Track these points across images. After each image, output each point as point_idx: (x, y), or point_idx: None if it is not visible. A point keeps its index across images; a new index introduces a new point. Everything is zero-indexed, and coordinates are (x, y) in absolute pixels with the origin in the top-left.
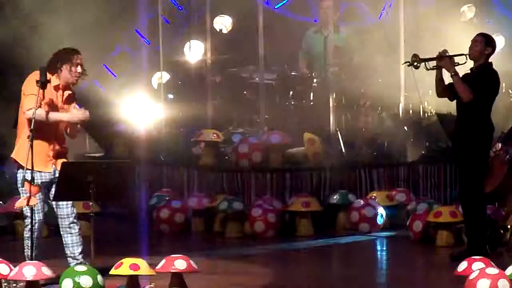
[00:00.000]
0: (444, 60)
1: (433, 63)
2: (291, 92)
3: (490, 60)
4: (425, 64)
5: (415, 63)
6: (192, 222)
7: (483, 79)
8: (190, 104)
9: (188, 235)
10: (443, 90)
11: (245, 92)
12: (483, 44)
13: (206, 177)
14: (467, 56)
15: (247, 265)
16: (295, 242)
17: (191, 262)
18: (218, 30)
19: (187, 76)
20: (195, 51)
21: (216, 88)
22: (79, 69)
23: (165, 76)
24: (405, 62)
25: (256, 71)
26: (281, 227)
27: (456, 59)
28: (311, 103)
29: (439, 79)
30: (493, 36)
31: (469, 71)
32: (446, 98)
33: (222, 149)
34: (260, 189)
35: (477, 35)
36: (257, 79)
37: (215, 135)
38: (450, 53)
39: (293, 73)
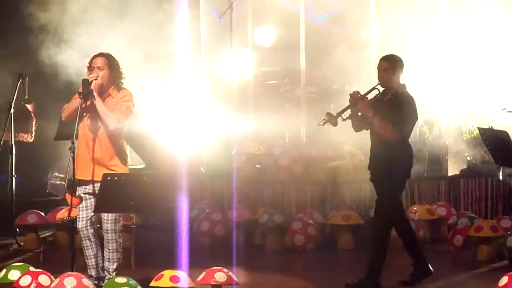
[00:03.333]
0: (359, 103)
1: (349, 111)
2: (332, 105)
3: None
4: (341, 117)
5: (329, 121)
6: (233, 235)
7: (402, 109)
8: (231, 116)
9: (229, 248)
10: (359, 124)
11: (286, 105)
12: (390, 68)
13: (247, 189)
14: (379, 86)
15: (287, 278)
16: (336, 255)
17: (231, 274)
18: (259, 43)
19: (228, 88)
20: (236, 64)
21: (257, 101)
22: (96, 72)
23: (206, 88)
24: (320, 123)
25: (297, 83)
26: (321, 240)
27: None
28: None
29: (352, 115)
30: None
31: (380, 96)
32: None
33: (263, 162)
34: (300, 202)
35: (380, 60)
36: (298, 91)
37: (256, 147)
38: (365, 90)
39: (334, 86)
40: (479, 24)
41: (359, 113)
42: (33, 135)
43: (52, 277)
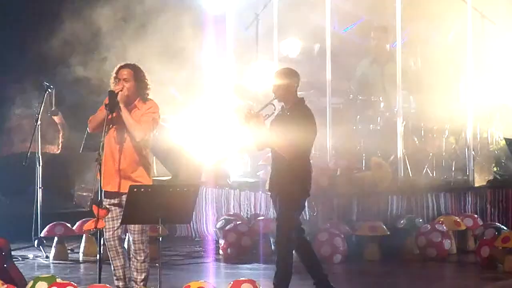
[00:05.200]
0: (253, 120)
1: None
2: (358, 116)
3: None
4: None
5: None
6: (259, 246)
7: (299, 125)
8: None
9: (255, 259)
10: (262, 143)
11: None
12: (286, 81)
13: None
14: (275, 101)
15: None
16: (362, 266)
17: (258, 285)
18: (285, 54)
19: (255, 99)
20: (262, 75)
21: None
22: (122, 84)
23: (232, 100)
24: None
25: (323, 94)
26: (348, 252)
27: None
28: (378, 127)
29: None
30: None
31: (280, 110)
32: None
33: None
34: (327, 213)
35: (273, 75)
36: (324, 102)
37: None
38: (261, 106)
39: (360, 97)
40: (506, 34)
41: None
42: (59, 146)
43: None
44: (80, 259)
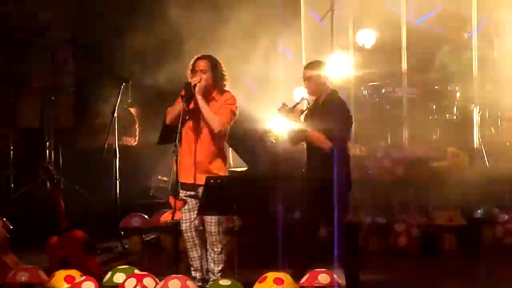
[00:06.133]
0: (288, 115)
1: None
2: (434, 106)
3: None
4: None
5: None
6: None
7: (335, 116)
8: None
9: (331, 249)
10: (297, 138)
11: (388, 106)
12: (316, 76)
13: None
14: (307, 95)
15: (390, 279)
16: (439, 257)
17: (335, 276)
18: (360, 44)
19: None
20: (338, 66)
21: (359, 102)
22: (199, 75)
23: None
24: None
25: (399, 84)
26: (424, 242)
27: None
28: (455, 117)
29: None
30: None
31: (313, 103)
32: None
33: (365, 163)
34: (403, 203)
35: (304, 68)
36: (399, 93)
37: (358, 149)
38: (296, 102)
39: (436, 87)
40: None
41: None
42: (136, 138)
43: (156, 279)
44: (157, 250)
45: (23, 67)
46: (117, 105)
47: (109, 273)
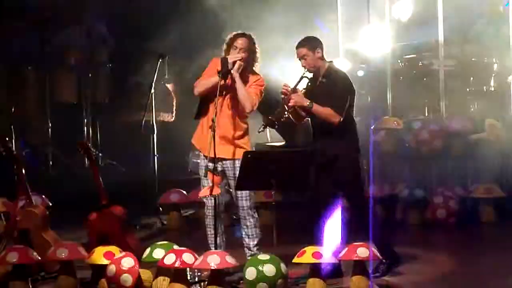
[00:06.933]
0: (292, 98)
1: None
2: (471, 78)
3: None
4: (282, 117)
5: (268, 126)
6: (370, 210)
7: (336, 88)
8: (370, 92)
9: (367, 223)
10: (299, 116)
11: (425, 79)
12: (310, 52)
13: (387, 164)
14: (306, 73)
15: (429, 252)
16: (478, 229)
17: (374, 250)
18: (397, 17)
19: (366, 63)
20: (374, 39)
21: (396, 75)
22: (241, 53)
23: (343, 64)
24: (260, 130)
25: (435, 57)
26: (463, 214)
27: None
28: (492, 88)
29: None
30: None
31: (313, 79)
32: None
33: (403, 137)
34: (441, 176)
35: (296, 48)
36: (436, 65)
37: (395, 122)
38: (294, 84)
39: (473, 59)
40: None
41: (296, 107)
42: (174, 114)
43: (195, 255)
44: (196, 226)
45: (60, 43)
46: (154, 80)
47: (148, 249)
